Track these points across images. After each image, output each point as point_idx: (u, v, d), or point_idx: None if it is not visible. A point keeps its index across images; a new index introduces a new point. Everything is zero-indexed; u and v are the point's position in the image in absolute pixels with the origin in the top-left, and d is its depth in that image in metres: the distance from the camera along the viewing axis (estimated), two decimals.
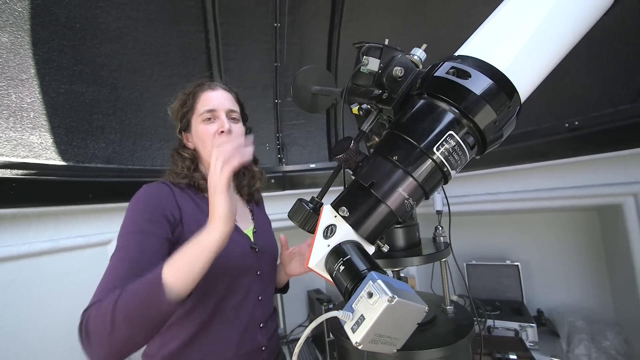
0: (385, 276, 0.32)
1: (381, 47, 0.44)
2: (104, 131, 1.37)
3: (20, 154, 1.11)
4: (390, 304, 0.29)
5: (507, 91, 0.36)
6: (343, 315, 0.32)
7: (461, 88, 0.36)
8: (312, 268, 0.41)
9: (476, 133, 0.37)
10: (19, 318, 1.04)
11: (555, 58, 0.38)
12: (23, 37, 1.10)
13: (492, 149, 0.41)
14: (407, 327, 0.33)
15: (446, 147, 0.37)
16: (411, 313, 0.32)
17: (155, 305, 0.55)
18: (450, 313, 0.56)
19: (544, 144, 1.44)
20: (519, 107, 0.38)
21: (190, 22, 1.57)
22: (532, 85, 0.39)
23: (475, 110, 0.36)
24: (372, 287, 0.31)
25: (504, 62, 0.37)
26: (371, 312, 0.30)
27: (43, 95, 1.17)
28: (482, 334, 1.58)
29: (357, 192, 0.40)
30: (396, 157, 0.37)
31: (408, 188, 0.37)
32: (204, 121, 0.85)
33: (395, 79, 0.44)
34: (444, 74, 0.38)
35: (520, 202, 1.58)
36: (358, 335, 0.30)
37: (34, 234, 1.12)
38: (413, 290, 0.34)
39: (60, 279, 1.17)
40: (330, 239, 0.39)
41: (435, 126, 0.37)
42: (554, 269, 1.75)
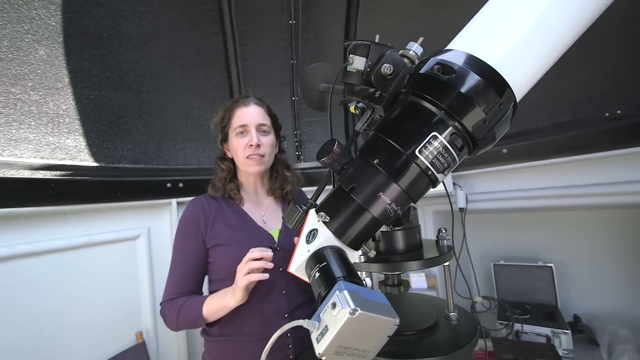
0: (356, 286, 0.31)
1: (369, 45, 0.42)
2: (131, 133, 1.46)
3: (58, 157, 1.21)
4: (352, 316, 0.28)
5: (497, 87, 0.32)
6: (309, 324, 0.31)
7: (445, 85, 0.33)
8: (293, 272, 0.41)
9: (463, 133, 0.34)
10: (61, 306, 1.16)
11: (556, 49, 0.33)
12: (57, 49, 1.20)
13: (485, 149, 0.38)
14: (376, 340, 0.32)
15: (430, 149, 0.34)
16: (378, 326, 0.31)
17: (200, 324, 0.89)
18: (453, 320, 0.54)
19: (580, 136, 1.32)
20: (514, 103, 0.34)
21: (208, 25, 1.62)
22: (529, 80, 0.35)
23: (461, 109, 0.33)
24: (337, 298, 0.30)
25: (495, 55, 0.33)
26: (334, 324, 0.29)
27: (76, 102, 1.27)
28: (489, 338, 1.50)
29: (339, 197, 0.39)
30: (377, 160, 0.36)
31: (390, 193, 0.35)
32: (237, 135, 0.99)
33: (384, 77, 0.41)
34: (429, 70, 0.35)
35: (553, 200, 1.46)
36: (321, 346, 0.30)
37: (71, 229, 1.23)
38: (387, 302, 0.33)
39: (95, 270, 1.28)
40: (311, 244, 0.39)
41: (418, 127, 0.35)
42: (593, 271, 1.60)
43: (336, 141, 0.39)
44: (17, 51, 1.10)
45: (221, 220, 0.97)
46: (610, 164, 1.27)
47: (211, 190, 1.03)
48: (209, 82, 1.70)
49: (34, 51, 1.14)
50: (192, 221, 0.97)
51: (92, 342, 1.22)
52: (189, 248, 0.96)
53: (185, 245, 0.96)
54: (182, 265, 0.96)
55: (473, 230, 1.98)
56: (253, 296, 0.91)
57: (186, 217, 0.99)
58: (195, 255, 0.95)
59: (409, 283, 0.56)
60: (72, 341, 1.16)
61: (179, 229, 0.99)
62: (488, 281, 1.87)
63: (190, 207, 1.01)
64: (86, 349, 1.20)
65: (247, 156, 0.97)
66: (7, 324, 1.01)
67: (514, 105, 0.35)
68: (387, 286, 0.55)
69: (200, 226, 0.96)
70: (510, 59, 0.33)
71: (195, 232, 0.96)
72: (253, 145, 0.96)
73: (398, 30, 1.65)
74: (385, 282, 0.55)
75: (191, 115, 1.66)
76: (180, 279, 0.95)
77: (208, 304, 0.87)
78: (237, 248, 0.91)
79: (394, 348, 0.48)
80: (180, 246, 0.97)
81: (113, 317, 1.29)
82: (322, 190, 0.50)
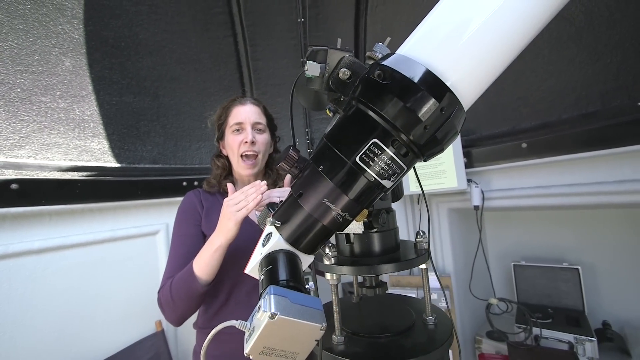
0: (288, 291, 0.32)
1: (326, 50, 0.42)
2: (149, 135, 1.55)
3: (84, 159, 1.33)
4: (271, 320, 0.29)
5: (435, 93, 0.31)
6: (240, 325, 0.33)
7: (382, 91, 0.32)
8: (248, 273, 0.42)
9: (405, 140, 0.33)
10: (88, 295, 1.28)
11: (507, 49, 0.31)
12: (81, 60, 1.30)
13: (435, 155, 0.37)
14: (303, 344, 0.32)
15: (370, 156, 0.34)
16: (303, 330, 0.31)
17: (193, 287, 0.85)
18: (430, 324, 0.53)
19: (610, 128, 1.20)
20: (457, 107, 0.32)
21: (219, 28, 1.67)
22: (478, 83, 0.33)
23: (398, 116, 0.32)
24: (263, 301, 0.31)
25: (437, 59, 0.31)
26: (258, 326, 0.30)
27: (99, 107, 1.38)
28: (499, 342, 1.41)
29: (291, 203, 0.40)
30: (322, 167, 0.36)
31: (335, 201, 0.35)
32: (233, 132, 1.02)
33: (343, 82, 0.41)
34: (370, 76, 0.35)
35: (579, 197, 1.35)
36: (247, 346, 0.31)
37: (97, 225, 1.35)
38: (319, 307, 0.33)
39: (119, 262, 1.39)
40: (265, 247, 0.40)
41: (359, 134, 0.34)
42: (627, 275, 1.47)
43: (292, 147, 0.40)
44: (46, 64, 1.21)
45: (216, 213, 0.97)
46: None
47: (207, 187, 1.08)
48: (221, 84, 1.76)
49: (61, 63, 1.25)
50: (189, 208, 1.02)
51: (115, 329, 1.33)
52: (188, 231, 0.99)
53: (184, 229, 1.00)
54: (181, 248, 0.97)
55: (491, 229, 1.90)
56: (241, 288, 0.95)
57: (183, 205, 1.04)
58: (193, 238, 0.97)
59: (387, 285, 0.55)
60: (98, 326, 1.28)
61: (178, 217, 1.03)
62: (508, 282, 1.79)
63: (187, 198, 1.06)
64: (110, 334, 1.32)
65: (242, 153, 1.00)
66: (43, 309, 1.14)
67: (461, 109, 0.33)
68: (364, 288, 0.55)
69: (197, 213, 1.00)
70: (452, 62, 0.31)
71: (192, 217, 1.00)
72: (248, 142, 0.98)
73: (408, 24, 1.60)
74: (362, 284, 0.55)
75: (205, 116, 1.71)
76: (179, 261, 0.94)
77: (197, 258, 0.86)
78: None
79: (365, 350, 0.49)
80: (179, 231, 1.00)
81: (135, 305, 1.40)
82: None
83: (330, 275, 0.48)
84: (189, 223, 1.00)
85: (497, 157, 1.53)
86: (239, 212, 0.80)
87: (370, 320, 0.57)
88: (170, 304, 0.87)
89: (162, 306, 0.91)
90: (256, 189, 0.82)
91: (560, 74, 1.33)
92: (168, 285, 0.89)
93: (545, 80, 1.36)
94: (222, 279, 0.95)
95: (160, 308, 0.91)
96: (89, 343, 1.24)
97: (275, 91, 1.87)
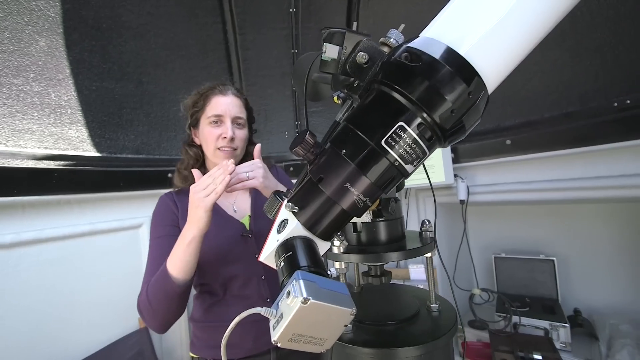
0: (315, 276, 0.32)
1: (343, 32, 0.41)
2: (132, 124, 1.48)
3: (61, 147, 1.24)
4: (303, 305, 0.28)
5: (465, 76, 0.31)
6: (266, 312, 0.32)
7: (411, 74, 0.32)
8: (263, 261, 0.41)
9: (431, 124, 0.34)
10: (65, 291, 1.20)
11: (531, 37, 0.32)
12: (57, 40, 1.21)
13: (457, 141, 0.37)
14: (332, 329, 0.32)
15: (396, 139, 0.33)
16: (333, 315, 0.31)
17: (170, 289, 0.78)
18: (434, 312, 0.54)
19: (587, 127, 1.27)
20: (484, 92, 0.33)
21: (207, 14, 1.61)
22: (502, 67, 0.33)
23: (427, 99, 0.32)
24: (292, 287, 0.30)
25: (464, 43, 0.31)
26: (288, 312, 0.30)
27: (78, 92, 1.29)
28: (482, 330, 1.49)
29: (309, 188, 0.39)
30: (344, 151, 0.35)
31: (357, 184, 0.35)
32: (210, 124, 0.94)
33: (359, 66, 0.40)
34: (396, 58, 0.34)
35: (557, 192, 1.42)
36: (276, 333, 0.30)
37: (75, 218, 1.27)
38: (346, 292, 0.33)
39: (99, 257, 1.32)
40: (280, 234, 0.39)
41: (384, 117, 0.34)
42: (596, 266, 1.58)
43: (308, 131, 0.39)
44: (18, 43, 1.11)
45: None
46: (618, 156, 1.23)
47: (178, 180, 0.99)
48: (209, 73, 1.70)
49: (35, 43, 1.15)
50: (164, 210, 0.96)
51: (97, 327, 1.27)
52: (163, 232, 0.92)
53: (159, 231, 0.93)
54: (156, 250, 0.90)
55: (475, 223, 1.96)
56: (233, 284, 0.92)
57: (157, 209, 0.99)
58: (169, 238, 0.89)
59: (391, 274, 0.56)
60: (77, 325, 1.22)
61: (152, 222, 0.97)
62: (488, 274, 1.87)
63: (160, 201, 1.00)
64: (91, 333, 1.25)
65: (219, 147, 0.93)
66: (15, 308, 1.06)
67: (486, 95, 0.34)
68: (369, 277, 0.55)
69: (172, 213, 0.95)
70: (479, 46, 0.32)
71: (167, 218, 0.94)
72: (227, 137, 0.92)
73: (400, 17, 1.61)
74: (367, 273, 0.55)
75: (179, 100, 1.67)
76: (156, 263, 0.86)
77: (170, 257, 0.79)
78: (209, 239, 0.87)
79: (372, 337, 0.49)
80: (154, 234, 0.94)
81: (117, 302, 1.34)
82: (302, 181, 0.50)
83: (338, 264, 0.48)
84: (164, 224, 0.94)
85: (482, 153, 1.58)
86: (208, 198, 0.73)
87: (374, 309, 0.57)
88: (149, 310, 0.80)
89: (142, 313, 0.84)
90: (223, 169, 0.75)
91: (544, 74, 1.39)
92: (144, 290, 0.82)
93: (530, 80, 1.42)
94: (215, 275, 0.93)
95: (141, 315, 0.84)
96: (66, 342, 1.18)
97: (266, 82, 1.83)
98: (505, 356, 1.29)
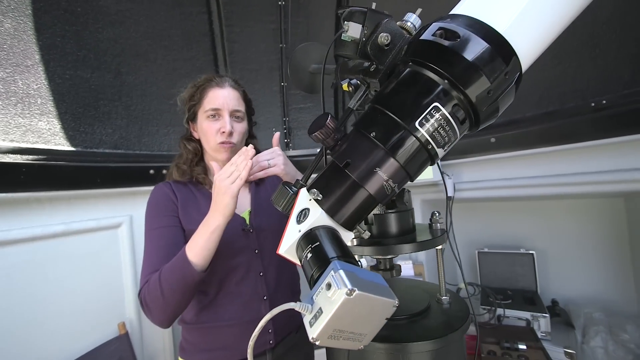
0: (352, 266, 0.29)
1: (365, 11, 0.39)
2: (110, 117, 1.38)
3: (30, 140, 1.14)
4: (348, 297, 0.26)
5: (503, 55, 0.30)
6: (301, 307, 0.29)
7: (447, 52, 0.31)
8: (283, 255, 0.39)
9: (466, 105, 0.33)
10: (36, 297, 1.10)
11: (566, 15, 0.32)
12: (25, 22, 1.11)
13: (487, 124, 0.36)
14: (373, 323, 0.30)
15: (431, 121, 0.32)
16: (377, 307, 0.29)
17: (189, 275, 0.75)
18: (445, 304, 0.53)
19: (566, 126, 1.34)
20: (519, 74, 0.32)
21: (192, 3, 1.54)
22: (536, 48, 0.33)
23: (465, 78, 0.31)
24: (332, 278, 0.28)
25: (501, 20, 0.31)
26: (329, 306, 0.27)
27: (49, 81, 1.19)
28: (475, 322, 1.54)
29: (333, 174, 0.37)
30: (374, 133, 0.33)
31: (387, 169, 0.33)
32: (208, 117, 0.91)
33: (381, 48, 0.39)
34: (430, 36, 0.33)
35: (538, 188, 1.49)
36: (315, 330, 0.28)
37: (47, 217, 1.17)
38: (384, 283, 0.31)
39: (74, 260, 1.22)
40: (302, 224, 0.36)
41: (419, 97, 0.32)
42: (572, 258, 1.66)
43: (329, 115, 0.36)
44: None
45: (192, 206, 0.91)
46: (594, 153, 1.30)
47: (176, 174, 0.96)
48: (193, 65, 1.62)
49: None
50: (162, 199, 0.90)
51: (73, 334, 1.17)
52: (164, 222, 0.87)
53: (159, 221, 0.87)
54: (159, 240, 0.85)
55: (459, 219, 2.02)
56: (230, 280, 0.89)
57: (154, 198, 0.92)
58: (172, 229, 0.86)
59: (401, 268, 0.55)
60: (51, 333, 1.12)
61: (149, 212, 0.90)
62: (472, 268, 1.92)
63: (157, 189, 0.94)
64: (67, 341, 1.15)
65: (219, 142, 0.91)
66: None
67: (519, 76, 0.33)
68: (379, 270, 0.53)
69: (172, 203, 0.90)
70: (516, 24, 0.31)
71: (167, 208, 0.89)
72: (226, 132, 0.89)
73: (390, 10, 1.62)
74: (377, 266, 0.54)
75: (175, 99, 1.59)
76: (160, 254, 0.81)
77: (191, 243, 0.77)
78: None
79: (386, 332, 0.47)
80: (153, 225, 0.88)
81: (94, 308, 1.25)
82: (312, 171, 0.48)
83: None
84: (165, 214, 0.89)
85: (468, 150, 1.62)
86: (234, 184, 0.74)
87: None
88: (159, 301, 0.75)
89: (147, 306, 0.78)
90: (245, 155, 0.75)
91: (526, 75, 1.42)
92: (155, 279, 0.76)
93: None
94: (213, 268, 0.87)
95: (146, 309, 0.79)
96: (39, 352, 1.08)
97: (253, 77, 1.78)
98: (492, 347, 1.33)
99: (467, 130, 0.36)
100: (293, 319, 0.96)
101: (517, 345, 1.30)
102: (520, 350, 1.28)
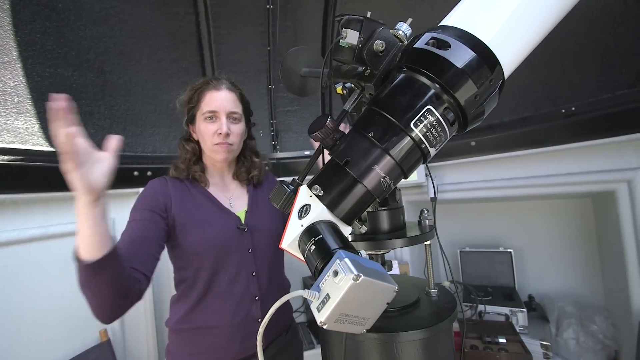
0: (355, 255, 0.32)
1: (362, 20, 0.42)
2: (92, 117, 1.34)
3: (6, 139, 1.09)
4: (355, 282, 0.28)
5: (489, 63, 0.34)
6: (309, 294, 0.31)
7: (440, 60, 0.34)
8: (285, 249, 0.40)
9: (456, 108, 0.36)
10: (11, 304, 1.05)
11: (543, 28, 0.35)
12: (3, 17, 1.06)
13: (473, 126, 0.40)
14: (375, 307, 0.32)
15: (424, 122, 0.35)
16: (379, 292, 0.31)
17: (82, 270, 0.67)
18: (434, 297, 0.56)
19: (540, 131, 1.43)
20: (502, 81, 0.36)
21: (179, 3, 1.52)
22: (516, 58, 0.37)
23: (455, 84, 0.34)
24: (338, 266, 0.30)
25: (487, 32, 0.34)
26: (336, 291, 0.29)
27: (27, 78, 1.14)
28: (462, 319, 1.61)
29: (333, 171, 0.39)
30: (372, 133, 0.36)
31: (384, 166, 0.36)
32: (205, 120, 0.93)
33: (376, 54, 0.41)
34: (423, 45, 0.36)
35: (515, 189, 1.57)
36: (323, 314, 0.30)
37: (23, 221, 1.12)
38: (384, 270, 0.34)
39: (51, 265, 1.17)
40: (304, 219, 0.38)
41: (413, 101, 0.35)
42: (546, 255, 1.76)
43: (329, 116, 0.38)
44: None
45: (187, 201, 0.91)
46: (565, 157, 1.39)
47: (174, 172, 0.97)
48: (180, 65, 1.60)
49: None
50: (148, 194, 0.89)
51: (52, 342, 1.12)
52: (138, 215, 0.84)
53: (134, 214, 0.85)
54: (124, 234, 0.81)
55: (442, 220, 2.09)
56: (221, 278, 0.88)
57: (143, 192, 0.90)
58: (142, 222, 0.82)
59: (392, 263, 0.57)
60: (28, 341, 1.06)
61: (135, 205, 0.87)
62: (454, 267, 1.99)
63: (149, 185, 0.92)
64: (45, 349, 1.10)
65: (216, 143, 0.92)
66: None
67: (502, 83, 0.36)
68: None
69: (156, 200, 0.87)
70: (499, 37, 0.35)
71: (148, 204, 0.86)
72: (222, 133, 0.91)
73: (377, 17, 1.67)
74: None
75: (160, 100, 1.56)
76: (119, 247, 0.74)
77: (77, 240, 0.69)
78: (204, 228, 0.88)
79: (380, 323, 0.49)
80: (130, 217, 0.85)
81: (74, 315, 1.19)
82: (309, 170, 0.49)
83: None
84: (143, 208, 0.86)
85: (449, 153, 1.69)
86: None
87: None
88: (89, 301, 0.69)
89: None
90: None
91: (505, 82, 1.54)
92: None
93: None
94: (201, 267, 0.88)
95: None
96: None
97: (240, 79, 1.76)
98: (474, 342, 1.39)
99: (455, 132, 0.39)
100: (283, 320, 0.97)
101: (498, 340, 1.37)
102: (501, 344, 1.34)
